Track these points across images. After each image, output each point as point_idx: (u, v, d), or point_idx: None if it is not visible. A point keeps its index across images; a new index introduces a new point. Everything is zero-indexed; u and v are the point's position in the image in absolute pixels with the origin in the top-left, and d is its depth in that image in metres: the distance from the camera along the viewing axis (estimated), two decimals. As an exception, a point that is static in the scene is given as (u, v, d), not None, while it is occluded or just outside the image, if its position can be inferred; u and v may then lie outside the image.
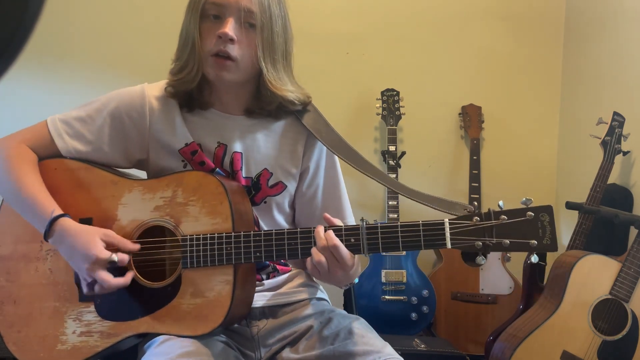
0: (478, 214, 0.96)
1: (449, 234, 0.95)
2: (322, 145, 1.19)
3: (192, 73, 1.08)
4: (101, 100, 1.15)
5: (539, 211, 0.94)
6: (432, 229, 0.96)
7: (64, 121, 1.13)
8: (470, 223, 0.95)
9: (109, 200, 1.09)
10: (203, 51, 1.06)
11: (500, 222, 0.94)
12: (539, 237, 0.93)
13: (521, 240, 0.93)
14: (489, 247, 0.94)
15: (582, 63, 2.53)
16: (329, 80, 2.50)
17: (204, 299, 1.02)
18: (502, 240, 0.94)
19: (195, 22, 1.06)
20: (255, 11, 1.04)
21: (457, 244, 0.95)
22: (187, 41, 1.08)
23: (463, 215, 0.96)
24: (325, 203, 1.22)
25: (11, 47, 0.37)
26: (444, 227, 0.95)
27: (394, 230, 0.97)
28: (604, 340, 1.72)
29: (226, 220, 1.03)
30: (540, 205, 0.94)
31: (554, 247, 0.93)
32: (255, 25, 1.05)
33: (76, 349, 1.05)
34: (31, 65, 2.39)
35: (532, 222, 0.94)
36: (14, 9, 0.36)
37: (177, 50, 1.11)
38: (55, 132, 1.12)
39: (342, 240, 0.97)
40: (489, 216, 0.95)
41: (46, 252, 1.09)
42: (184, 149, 1.13)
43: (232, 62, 1.06)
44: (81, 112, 1.14)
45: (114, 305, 1.04)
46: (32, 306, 1.09)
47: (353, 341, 1.04)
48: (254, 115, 1.16)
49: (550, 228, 0.93)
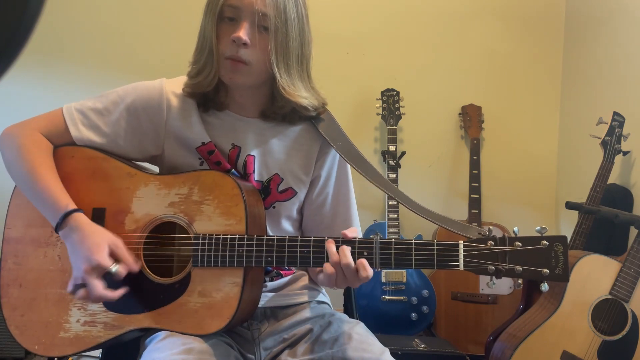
0: (493, 238, 0.96)
1: (462, 256, 0.96)
2: (335, 154, 1.18)
3: (210, 77, 1.06)
4: (118, 93, 1.13)
5: (553, 241, 0.95)
6: (446, 250, 0.96)
7: (80, 111, 1.12)
8: (484, 247, 0.96)
9: (124, 192, 1.08)
10: (218, 54, 1.05)
11: (514, 249, 0.95)
12: (551, 267, 0.94)
13: (534, 268, 0.94)
14: (501, 272, 0.95)
15: (582, 63, 2.53)
16: (329, 80, 2.49)
17: (212, 299, 1.02)
18: (514, 266, 0.94)
19: (212, 25, 1.04)
20: (269, 14, 1.02)
21: (470, 266, 0.96)
22: (204, 44, 1.06)
23: (477, 239, 0.97)
24: (334, 211, 1.21)
25: (11, 47, 0.37)
26: (459, 249, 0.96)
27: (408, 247, 0.97)
28: (604, 340, 1.72)
29: (240, 222, 1.02)
30: (555, 235, 0.95)
31: (566, 277, 0.94)
32: (269, 29, 1.03)
33: (79, 337, 1.05)
34: (31, 65, 2.39)
35: (546, 251, 0.94)
36: (14, 8, 0.36)
37: (195, 53, 1.09)
38: (70, 120, 1.11)
39: (355, 253, 0.97)
40: (504, 241, 0.96)
41: (56, 238, 1.08)
42: (201, 148, 1.12)
43: (246, 66, 1.04)
44: (97, 104, 1.12)
45: (120, 298, 1.04)
46: (37, 291, 1.08)
47: (352, 346, 1.03)
48: (269, 118, 1.15)
49: (564, 258, 0.94)
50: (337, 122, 1.18)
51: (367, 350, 1.03)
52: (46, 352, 1.07)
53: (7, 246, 1.11)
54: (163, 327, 1.03)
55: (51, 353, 1.07)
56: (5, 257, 1.11)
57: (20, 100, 2.38)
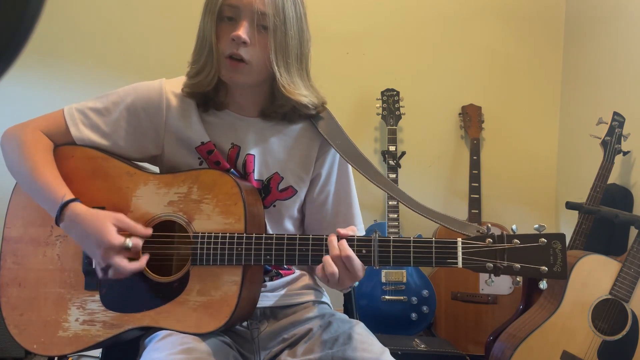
0: (491, 235, 0.96)
1: (461, 254, 0.96)
2: (335, 152, 1.18)
3: (209, 77, 1.07)
4: (118, 93, 1.14)
5: (551, 238, 0.95)
6: (444, 247, 0.97)
7: (80, 111, 1.13)
8: (482, 244, 0.96)
9: (124, 192, 1.09)
10: (218, 53, 1.05)
11: (512, 246, 0.95)
12: (549, 264, 0.94)
13: (532, 265, 0.94)
14: (499, 269, 0.95)
15: (582, 63, 2.53)
16: (329, 80, 2.49)
17: (211, 298, 1.02)
18: (513, 264, 0.94)
19: (212, 24, 1.04)
20: (268, 13, 1.03)
21: (468, 264, 0.96)
22: (204, 43, 1.06)
23: (476, 236, 0.97)
24: (336, 209, 1.21)
25: (11, 47, 0.37)
26: (457, 246, 0.96)
27: (407, 245, 0.97)
28: (604, 340, 1.72)
29: (239, 221, 1.03)
30: (553, 232, 0.95)
31: (564, 274, 0.94)
32: (268, 28, 1.04)
33: (77, 336, 1.06)
34: (31, 65, 2.39)
35: (544, 248, 0.95)
36: (14, 8, 0.36)
37: (194, 53, 1.09)
38: (71, 120, 1.11)
39: (354, 250, 0.97)
40: (502, 239, 0.96)
41: (56, 237, 1.09)
42: (200, 147, 1.12)
43: (245, 65, 1.04)
44: (98, 104, 1.13)
45: (118, 296, 1.04)
46: (36, 291, 1.09)
47: (352, 346, 1.03)
48: (269, 117, 1.15)
49: (562, 256, 0.94)
50: (337, 121, 1.18)
51: (367, 350, 1.03)
52: (45, 351, 1.07)
53: (6, 246, 1.12)
54: (162, 325, 1.03)
55: (50, 352, 1.07)
56: (5, 257, 1.11)
57: (20, 100, 2.38)
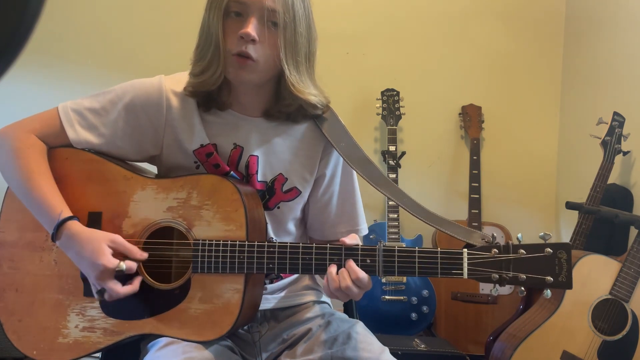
0: (497, 245, 0.96)
1: (466, 264, 0.95)
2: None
3: (216, 75, 1.02)
4: (116, 92, 1.09)
5: (557, 248, 0.94)
6: (450, 258, 0.96)
7: (76, 111, 1.08)
8: (488, 255, 0.95)
9: (121, 196, 1.06)
10: (225, 50, 1.01)
11: (518, 257, 0.94)
12: (555, 274, 0.94)
13: (537, 276, 0.94)
14: (505, 280, 0.94)
15: (582, 63, 2.53)
16: (329, 80, 2.48)
17: (213, 306, 1.00)
18: (518, 274, 0.94)
19: (218, 20, 1.00)
20: (278, 10, 0.99)
21: (474, 275, 0.95)
22: (209, 40, 1.02)
23: (481, 247, 0.96)
24: (340, 210, 1.20)
25: (11, 47, 0.36)
26: (462, 257, 0.95)
27: (412, 255, 0.96)
28: (604, 340, 1.72)
29: (240, 227, 1.01)
30: (559, 242, 0.95)
31: (569, 285, 0.93)
32: (278, 25, 1.01)
33: (78, 343, 1.04)
34: (31, 65, 2.39)
35: (550, 258, 0.94)
36: (14, 8, 0.36)
37: (198, 50, 1.05)
38: (67, 121, 1.07)
39: (358, 260, 0.97)
40: (508, 249, 0.95)
41: (52, 243, 1.06)
42: (199, 150, 1.09)
43: (253, 63, 1.00)
44: (94, 103, 1.09)
45: (119, 304, 1.03)
46: (34, 296, 1.07)
47: (351, 346, 1.03)
48: (273, 117, 1.12)
49: (567, 266, 0.94)
50: (341, 121, 1.16)
51: (366, 350, 1.03)
52: (45, 357, 1.05)
53: (1, 250, 1.09)
54: (164, 333, 1.01)
55: (50, 358, 1.05)
56: (0, 262, 1.09)
57: (20, 100, 2.38)
